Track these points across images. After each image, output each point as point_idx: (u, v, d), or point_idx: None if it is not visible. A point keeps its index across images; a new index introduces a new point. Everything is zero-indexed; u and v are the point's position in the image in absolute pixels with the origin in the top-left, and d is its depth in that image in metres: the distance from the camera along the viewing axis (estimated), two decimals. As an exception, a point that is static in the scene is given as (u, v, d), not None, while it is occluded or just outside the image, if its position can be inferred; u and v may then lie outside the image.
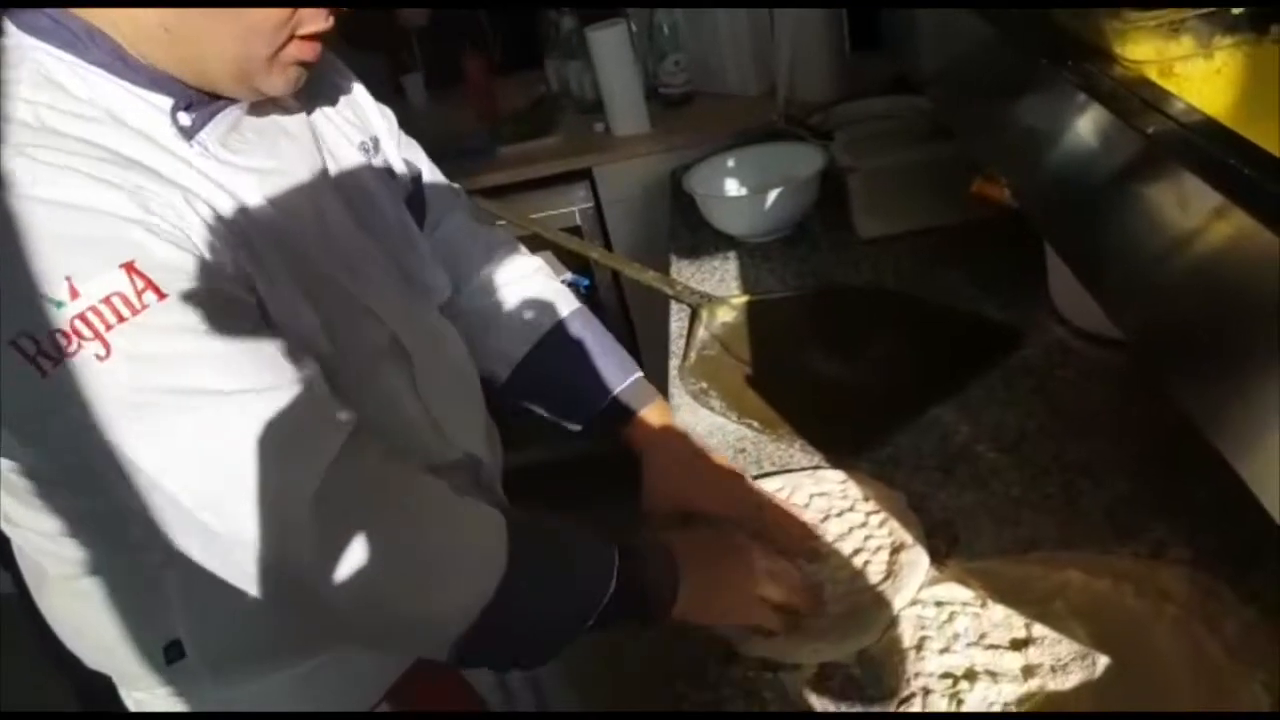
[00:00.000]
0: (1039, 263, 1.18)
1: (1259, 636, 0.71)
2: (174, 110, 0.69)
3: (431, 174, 1.05)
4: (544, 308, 1.05)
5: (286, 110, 0.81)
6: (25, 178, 0.60)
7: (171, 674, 0.80)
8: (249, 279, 0.70)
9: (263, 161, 0.75)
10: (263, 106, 0.77)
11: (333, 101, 0.88)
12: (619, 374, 1.04)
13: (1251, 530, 0.54)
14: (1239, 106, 0.55)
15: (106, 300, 0.61)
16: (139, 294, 0.62)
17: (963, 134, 0.98)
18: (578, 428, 1.05)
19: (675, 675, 0.84)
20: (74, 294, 0.60)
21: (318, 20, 0.72)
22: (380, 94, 0.96)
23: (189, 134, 0.70)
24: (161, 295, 0.63)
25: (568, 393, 1.05)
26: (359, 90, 0.93)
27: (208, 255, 0.67)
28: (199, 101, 0.71)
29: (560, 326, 1.04)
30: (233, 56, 0.69)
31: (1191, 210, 0.46)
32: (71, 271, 0.60)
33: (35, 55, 0.66)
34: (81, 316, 0.60)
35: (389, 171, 0.93)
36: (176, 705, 0.83)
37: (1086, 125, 0.59)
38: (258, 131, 0.77)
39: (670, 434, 1.04)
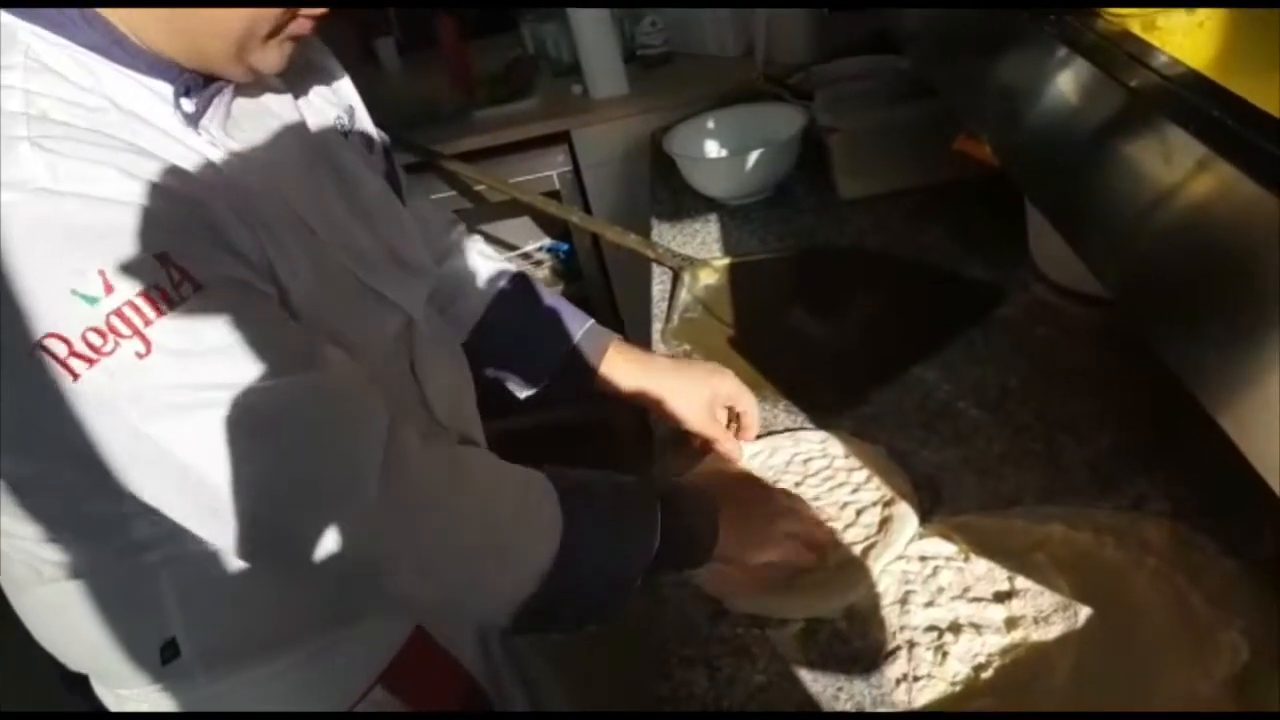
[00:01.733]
0: (1020, 221, 1.19)
1: (1238, 586, 0.72)
2: (176, 97, 0.66)
3: None
4: (500, 269, 1.06)
5: (272, 89, 0.78)
6: (42, 170, 0.56)
7: (164, 672, 0.78)
8: (271, 269, 0.68)
9: (261, 146, 0.73)
10: (249, 88, 0.74)
11: (308, 74, 0.84)
12: (576, 320, 1.05)
13: (1232, 483, 0.54)
14: (1220, 59, 0.54)
15: (144, 294, 0.57)
16: (176, 286, 0.58)
17: (944, 90, 0.98)
18: (534, 389, 1.05)
19: (665, 634, 0.84)
20: (108, 289, 0.56)
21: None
22: (352, 59, 0.93)
23: (193, 121, 0.67)
24: (198, 286, 0.59)
25: (533, 343, 1.03)
26: (329, 58, 0.89)
27: (233, 244, 0.64)
28: (195, 85, 0.67)
29: (517, 279, 1.05)
30: (236, 35, 0.66)
31: (1175, 163, 0.46)
32: (104, 265, 0.56)
33: (23, 38, 0.61)
34: (118, 312, 0.56)
35: (367, 144, 0.89)
36: (164, 701, 0.81)
37: (1068, 80, 0.59)
38: (249, 115, 0.74)
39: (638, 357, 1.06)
